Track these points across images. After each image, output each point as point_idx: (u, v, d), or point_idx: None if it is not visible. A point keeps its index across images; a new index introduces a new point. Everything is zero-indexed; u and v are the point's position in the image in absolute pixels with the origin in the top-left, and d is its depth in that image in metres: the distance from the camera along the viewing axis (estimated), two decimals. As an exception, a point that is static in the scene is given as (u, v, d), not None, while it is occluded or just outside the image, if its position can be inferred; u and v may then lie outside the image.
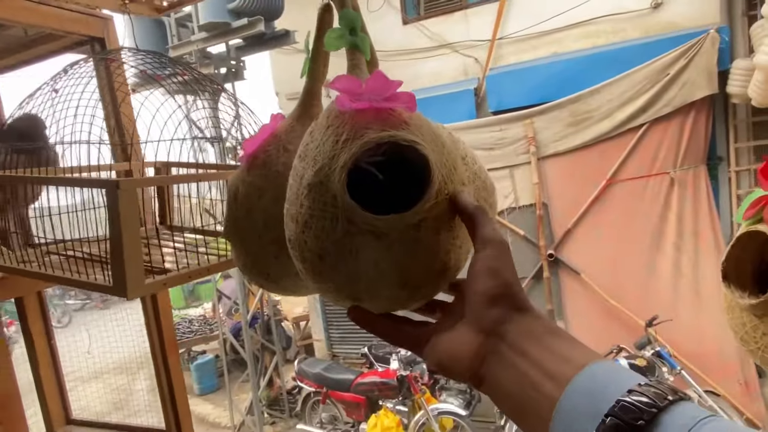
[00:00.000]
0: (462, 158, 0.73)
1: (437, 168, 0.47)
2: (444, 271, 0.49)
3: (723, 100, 3.99)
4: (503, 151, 4.51)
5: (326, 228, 0.47)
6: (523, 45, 4.54)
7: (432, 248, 0.47)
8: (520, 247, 4.59)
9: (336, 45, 0.57)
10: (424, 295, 0.52)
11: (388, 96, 0.49)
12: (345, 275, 0.48)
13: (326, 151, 0.49)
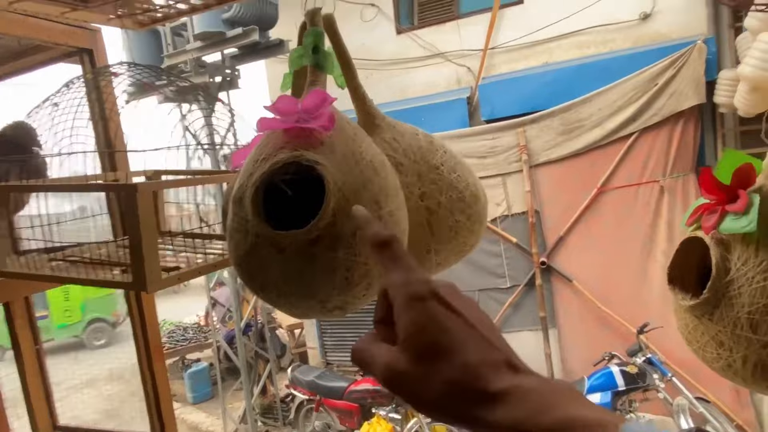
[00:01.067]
0: (435, 168, 0.76)
1: (336, 188, 0.49)
2: (349, 287, 0.51)
3: (711, 110, 4.05)
4: (495, 159, 4.55)
5: (241, 240, 0.50)
6: (515, 55, 4.60)
7: (330, 264, 0.49)
8: (513, 254, 4.62)
9: (298, 63, 0.61)
10: (338, 306, 0.54)
11: (315, 115, 0.52)
12: (260, 284, 0.52)
13: (248, 169, 0.52)
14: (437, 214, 0.73)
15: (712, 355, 0.54)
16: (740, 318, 0.51)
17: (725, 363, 0.53)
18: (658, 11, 4.08)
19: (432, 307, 0.33)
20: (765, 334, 0.50)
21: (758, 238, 0.52)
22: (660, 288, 4.17)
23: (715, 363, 0.54)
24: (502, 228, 4.63)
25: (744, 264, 0.52)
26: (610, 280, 4.29)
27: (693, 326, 0.56)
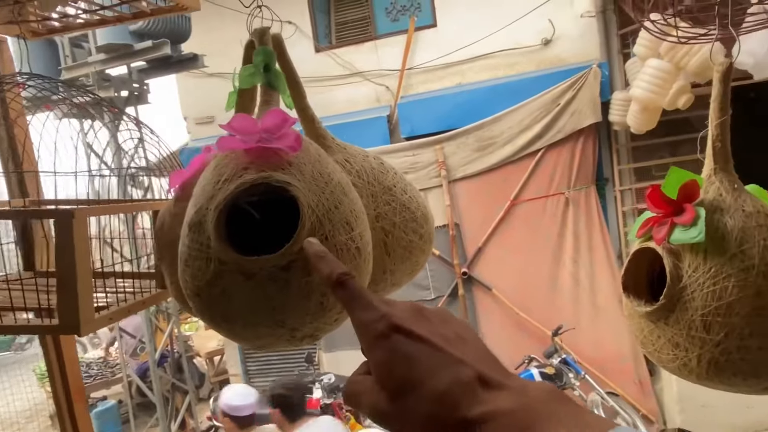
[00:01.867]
0: (389, 189, 0.76)
1: (309, 210, 0.47)
2: (323, 312, 0.50)
3: (606, 128, 4.48)
4: (417, 175, 4.68)
5: (201, 268, 0.47)
6: (431, 76, 4.79)
7: (304, 289, 0.47)
8: (437, 266, 4.75)
9: (249, 82, 0.58)
10: (309, 334, 0.52)
11: (279, 135, 0.50)
12: (221, 315, 0.48)
13: (207, 192, 0.49)
14: (393, 234, 0.73)
15: (668, 356, 0.58)
16: (694, 320, 0.55)
17: (681, 363, 0.57)
18: (557, 37, 4.46)
19: (394, 342, 0.33)
20: (717, 333, 0.54)
21: (706, 247, 0.56)
22: (570, 292, 4.48)
23: (671, 363, 0.58)
24: (425, 242, 4.74)
25: (695, 271, 0.56)
26: (526, 286, 4.54)
27: (648, 330, 0.60)
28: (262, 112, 0.57)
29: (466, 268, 4.67)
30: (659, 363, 0.59)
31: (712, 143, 0.60)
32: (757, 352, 0.53)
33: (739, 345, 0.53)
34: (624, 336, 4.32)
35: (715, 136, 0.60)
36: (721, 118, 0.59)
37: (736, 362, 0.54)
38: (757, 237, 0.56)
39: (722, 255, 0.55)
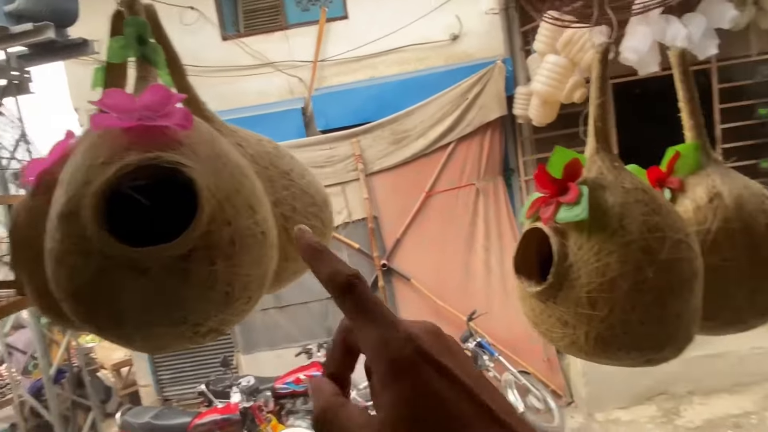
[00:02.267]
0: (286, 173, 0.73)
1: (209, 193, 0.43)
2: (229, 303, 0.46)
3: (511, 121, 4.71)
4: (334, 168, 4.64)
5: (79, 264, 0.41)
6: (344, 68, 4.76)
7: (207, 280, 0.43)
8: (357, 260, 4.75)
9: (120, 55, 0.52)
10: (214, 328, 0.48)
11: (163, 113, 0.45)
12: (107, 317, 0.43)
13: (79, 177, 0.43)
14: (293, 219, 0.70)
15: (558, 335, 0.58)
16: (581, 298, 0.55)
17: (570, 341, 0.57)
18: (464, 33, 4.62)
19: (425, 376, 0.26)
20: (602, 309, 0.54)
21: (589, 224, 0.57)
22: (482, 279, 4.69)
23: (561, 342, 0.58)
24: (345, 235, 4.73)
25: (580, 249, 0.56)
26: (442, 275, 4.69)
27: (539, 310, 0.60)
28: (140, 89, 0.51)
29: (385, 260, 4.72)
30: (551, 342, 0.61)
31: (593, 123, 0.62)
32: (639, 326, 0.54)
33: (622, 320, 0.54)
34: (532, 317, 4.60)
35: (596, 116, 0.62)
36: (600, 99, 0.62)
37: (619, 337, 0.55)
38: (636, 212, 0.58)
39: (604, 231, 0.55)
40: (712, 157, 0.73)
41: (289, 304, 4.77)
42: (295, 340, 4.75)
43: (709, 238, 0.68)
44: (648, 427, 4.03)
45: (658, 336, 0.56)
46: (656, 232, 0.56)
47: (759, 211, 0.71)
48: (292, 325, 4.81)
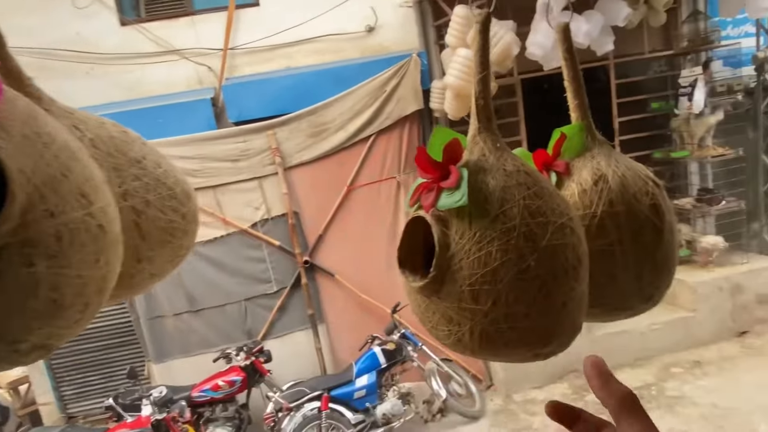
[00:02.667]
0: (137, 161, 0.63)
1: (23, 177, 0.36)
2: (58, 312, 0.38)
3: (429, 114, 4.76)
4: (249, 162, 4.45)
5: None
6: (257, 57, 4.57)
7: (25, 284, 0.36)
8: (277, 257, 4.60)
9: None
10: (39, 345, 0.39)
11: None
12: None
13: None
14: (146, 214, 0.60)
15: (444, 332, 0.54)
16: (464, 291, 0.51)
17: (455, 338, 0.53)
18: (380, 26, 4.59)
19: None
20: (485, 303, 0.50)
21: (470, 210, 0.52)
22: (406, 270, 4.72)
23: (447, 339, 0.54)
24: (264, 232, 4.56)
25: (461, 238, 0.52)
26: (366, 269, 4.66)
27: (424, 306, 0.55)
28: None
29: (307, 256, 4.61)
30: (438, 340, 0.56)
31: (474, 101, 0.57)
32: (524, 319, 0.51)
33: (506, 313, 0.50)
34: (454, 306, 4.70)
35: (478, 92, 0.57)
36: (482, 73, 0.56)
37: (505, 332, 0.51)
38: (518, 196, 0.53)
39: (485, 217, 0.51)
40: (597, 138, 0.72)
41: (204, 307, 4.53)
42: (213, 345, 4.52)
43: (594, 222, 0.66)
44: (561, 404, 4.26)
45: (544, 328, 0.52)
46: (538, 216, 0.52)
47: (642, 193, 0.70)
48: (209, 329, 4.57)
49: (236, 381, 3.99)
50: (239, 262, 4.56)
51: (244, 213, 4.51)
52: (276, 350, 4.41)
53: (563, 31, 0.68)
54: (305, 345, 4.68)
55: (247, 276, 4.57)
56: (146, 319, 4.47)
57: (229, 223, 4.46)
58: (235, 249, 4.53)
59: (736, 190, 5.20)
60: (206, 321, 4.57)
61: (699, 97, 4.52)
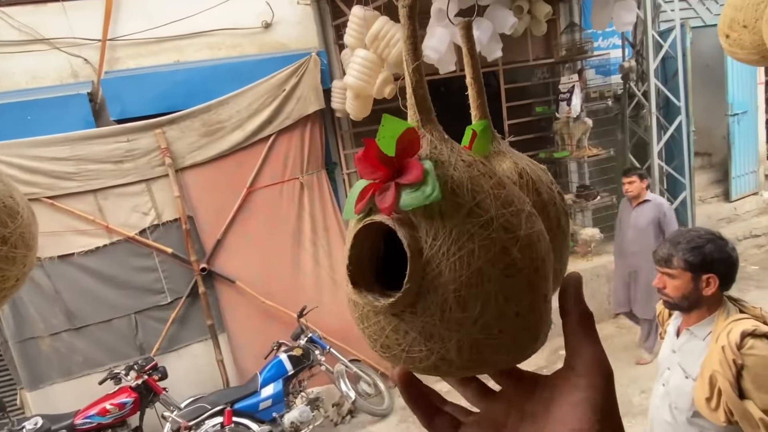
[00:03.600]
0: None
1: None
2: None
3: (330, 114, 4.72)
4: (136, 163, 4.09)
5: None
6: (142, 49, 4.21)
7: None
8: (170, 266, 4.29)
9: None
10: None
11: None
12: None
13: None
14: None
15: (422, 354, 0.45)
16: (447, 299, 0.44)
17: (437, 357, 0.45)
18: (277, 22, 4.46)
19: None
20: (473, 308, 0.44)
21: (441, 206, 0.45)
22: (311, 273, 4.64)
23: (425, 361, 0.45)
24: (154, 239, 4.22)
25: (435, 238, 0.45)
26: (270, 274, 4.51)
27: (392, 328, 0.46)
28: None
29: (205, 263, 4.34)
30: (412, 365, 0.46)
31: (412, 92, 0.50)
32: (515, 318, 0.45)
33: (498, 315, 0.45)
34: (360, 306, 4.71)
35: (415, 83, 0.50)
36: (416, 62, 0.50)
37: (495, 337, 0.45)
38: (486, 186, 0.47)
39: (459, 212, 0.45)
40: (496, 136, 0.73)
41: (86, 324, 4.09)
42: (99, 365, 4.10)
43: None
44: (465, 394, 4.45)
45: (534, 324, 0.47)
46: (509, 206, 0.47)
47: (550, 182, 0.72)
48: (94, 347, 4.14)
49: (127, 403, 3.66)
50: (127, 273, 4.18)
51: (131, 219, 4.14)
52: (172, 365, 4.12)
53: (466, 29, 0.67)
54: (205, 357, 4.42)
55: (136, 287, 4.21)
56: (15, 342, 3.93)
57: (114, 230, 4.07)
58: (122, 259, 4.15)
59: (608, 186, 5.80)
60: (90, 339, 4.13)
61: (576, 102, 4.96)
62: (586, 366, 0.37)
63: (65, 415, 3.64)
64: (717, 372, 1.53)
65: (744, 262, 5.98)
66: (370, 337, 0.49)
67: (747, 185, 6.88)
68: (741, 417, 1.49)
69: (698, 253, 1.64)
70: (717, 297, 1.67)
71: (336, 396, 4.31)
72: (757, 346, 1.49)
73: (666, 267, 1.70)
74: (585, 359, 0.38)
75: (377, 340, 0.47)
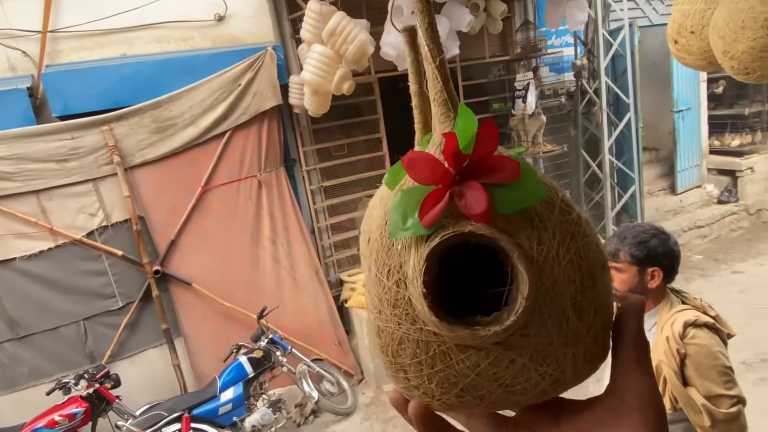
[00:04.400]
0: None
1: None
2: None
3: (289, 110, 4.63)
4: (81, 162, 3.89)
5: None
6: (87, 42, 4.00)
7: None
8: (121, 269, 4.11)
9: None
10: None
11: None
12: None
13: None
14: None
15: (529, 382, 0.37)
16: (565, 311, 0.37)
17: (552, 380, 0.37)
18: (230, 15, 4.32)
19: None
20: (588, 315, 0.38)
21: (536, 208, 0.39)
22: (271, 273, 4.55)
23: (536, 388, 0.37)
24: (103, 241, 4.03)
25: (539, 243, 0.38)
26: (228, 274, 4.39)
27: (490, 361, 0.37)
28: None
29: (158, 265, 4.18)
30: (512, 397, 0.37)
31: (443, 87, 0.43)
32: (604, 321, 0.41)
33: (604, 321, 0.39)
34: (321, 302, 4.67)
35: (444, 78, 0.44)
36: (441, 56, 0.44)
37: (600, 342, 0.39)
38: (547, 181, 0.42)
39: (553, 211, 0.40)
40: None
41: (31, 332, 3.87)
42: (46, 375, 3.90)
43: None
44: (427, 388, 4.49)
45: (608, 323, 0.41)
46: (569, 201, 0.42)
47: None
48: (40, 357, 3.92)
49: (77, 413, 3.48)
50: (74, 278, 3.97)
51: (78, 220, 3.93)
52: (126, 373, 3.95)
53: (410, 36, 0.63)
54: (160, 363, 4.26)
55: (84, 292, 4.01)
56: (-50, 355, 3.68)
57: (59, 233, 3.86)
58: (68, 262, 3.94)
59: (563, 181, 5.98)
60: (36, 348, 3.91)
61: (531, 99, 5.07)
62: (639, 400, 0.33)
63: (9, 429, 3.44)
64: (662, 361, 1.59)
65: (689, 252, 6.30)
66: (442, 383, 0.38)
67: (691, 178, 7.24)
68: (685, 404, 1.55)
69: (643, 248, 1.69)
70: (661, 289, 1.73)
71: (299, 397, 4.26)
72: (699, 335, 1.56)
73: (613, 261, 1.75)
74: (638, 391, 0.33)
75: (457, 383, 0.38)
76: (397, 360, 0.39)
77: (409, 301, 0.37)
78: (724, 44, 1.36)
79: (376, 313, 0.40)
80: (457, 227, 0.37)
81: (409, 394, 0.40)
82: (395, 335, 0.38)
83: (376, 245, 0.40)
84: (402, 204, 0.38)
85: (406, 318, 0.38)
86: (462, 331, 0.36)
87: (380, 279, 0.39)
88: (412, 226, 0.37)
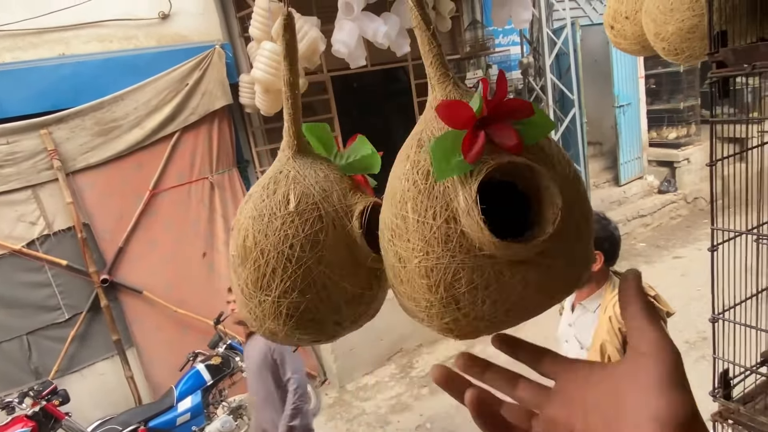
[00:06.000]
0: None
1: None
2: None
3: (240, 110, 4.54)
4: (18, 168, 3.68)
5: None
6: (20, 41, 3.78)
7: None
8: (66, 279, 3.91)
9: None
10: None
11: None
12: None
13: None
14: None
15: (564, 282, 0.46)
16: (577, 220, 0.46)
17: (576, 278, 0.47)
18: (175, 13, 4.19)
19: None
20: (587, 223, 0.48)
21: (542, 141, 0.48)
22: (227, 277, 4.44)
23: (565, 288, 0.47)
24: (45, 251, 3.82)
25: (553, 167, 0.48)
26: (181, 280, 4.26)
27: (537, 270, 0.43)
28: None
29: (106, 274, 4.00)
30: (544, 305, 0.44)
31: (438, 52, 0.51)
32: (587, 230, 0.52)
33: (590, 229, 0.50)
34: (281, 306, 4.60)
35: (437, 47, 0.52)
36: (431, 27, 0.53)
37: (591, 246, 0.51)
38: None
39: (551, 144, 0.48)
40: None
41: (-32, 349, 3.63)
42: (-14, 395, 3.65)
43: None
44: (390, 384, 4.52)
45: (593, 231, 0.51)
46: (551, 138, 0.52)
47: None
48: (-23, 376, 3.68)
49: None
50: (14, 290, 3.75)
51: (17, 230, 3.72)
52: (75, 387, 3.77)
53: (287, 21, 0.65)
54: (113, 375, 4.09)
55: (26, 305, 3.79)
56: None
57: (-5, 243, 3.63)
58: (8, 275, 3.71)
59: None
60: (-27, 367, 3.67)
61: (482, 96, 5.18)
62: (653, 345, 0.35)
63: (-55, 456, 3.21)
64: (606, 341, 1.67)
65: (633, 240, 6.63)
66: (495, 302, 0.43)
67: (633, 170, 7.62)
68: None
69: None
70: (604, 272, 1.82)
71: (260, 401, 4.18)
72: None
73: None
74: (651, 338, 0.36)
75: (508, 298, 0.43)
76: (449, 293, 0.43)
77: (461, 234, 0.42)
78: (655, 26, 1.44)
79: (422, 256, 0.43)
80: (497, 159, 0.42)
81: (457, 326, 0.45)
82: (449, 269, 0.42)
83: (411, 195, 0.45)
84: (439, 151, 0.43)
85: (460, 249, 0.42)
86: (517, 247, 0.41)
87: (425, 222, 0.44)
88: (457, 165, 0.42)
